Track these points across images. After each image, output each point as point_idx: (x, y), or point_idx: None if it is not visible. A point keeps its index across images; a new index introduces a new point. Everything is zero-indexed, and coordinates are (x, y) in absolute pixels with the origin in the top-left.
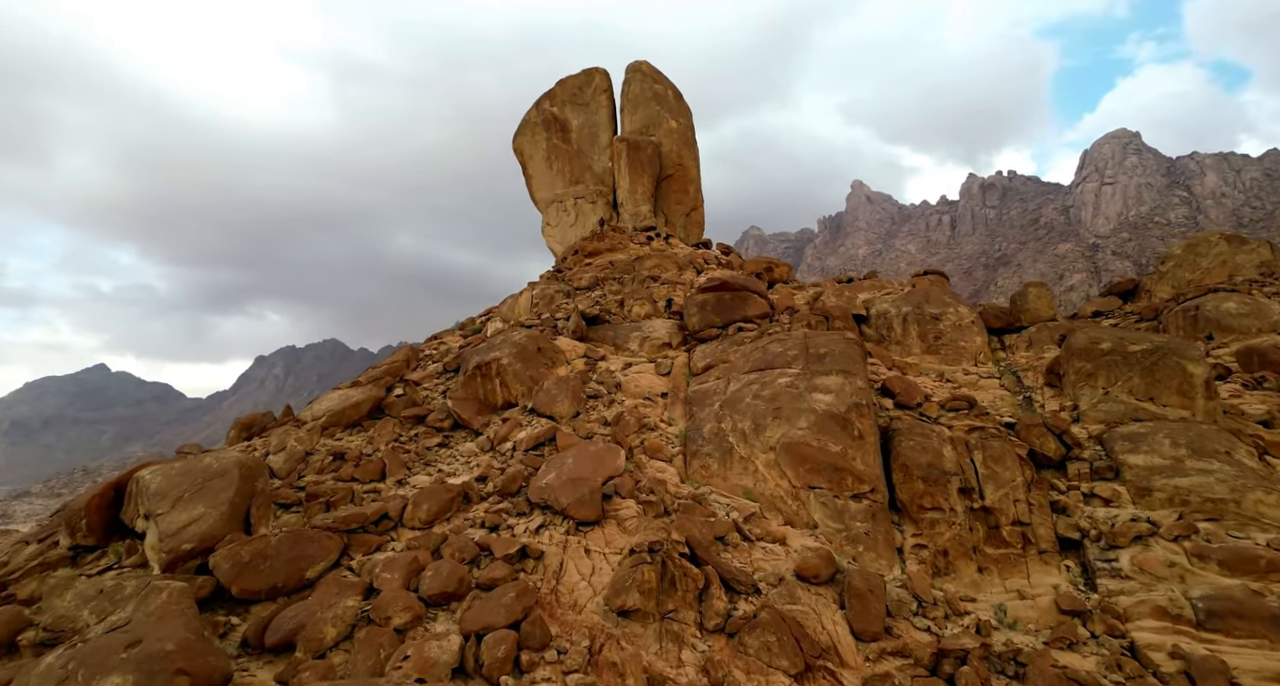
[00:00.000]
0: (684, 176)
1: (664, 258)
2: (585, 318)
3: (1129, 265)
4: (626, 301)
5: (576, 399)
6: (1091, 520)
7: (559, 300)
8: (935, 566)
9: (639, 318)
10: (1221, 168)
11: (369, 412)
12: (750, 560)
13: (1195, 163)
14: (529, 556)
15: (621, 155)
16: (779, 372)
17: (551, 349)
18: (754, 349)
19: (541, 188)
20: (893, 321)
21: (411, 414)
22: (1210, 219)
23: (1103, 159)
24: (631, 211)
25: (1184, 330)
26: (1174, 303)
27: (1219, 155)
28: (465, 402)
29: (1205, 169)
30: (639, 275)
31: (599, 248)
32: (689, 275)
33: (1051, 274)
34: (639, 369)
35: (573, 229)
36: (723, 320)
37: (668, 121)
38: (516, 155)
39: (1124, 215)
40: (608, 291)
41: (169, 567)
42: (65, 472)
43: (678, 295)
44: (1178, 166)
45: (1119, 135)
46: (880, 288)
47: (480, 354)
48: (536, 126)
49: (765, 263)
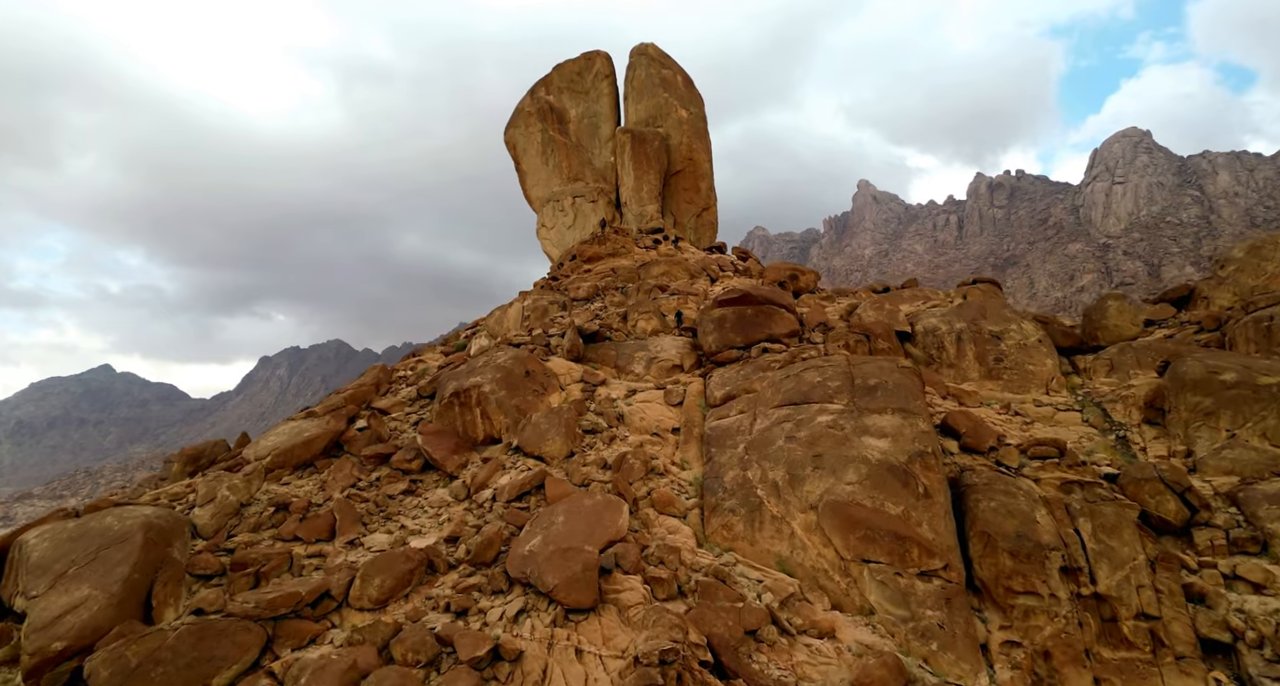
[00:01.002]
0: (695, 172)
1: (673, 264)
2: (583, 334)
3: (1141, 266)
4: (631, 315)
5: (571, 435)
6: (1244, 616)
7: (553, 313)
8: (1035, 674)
9: (645, 334)
10: (1234, 167)
11: (324, 450)
12: (792, 664)
13: (1207, 161)
14: (503, 658)
15: (625, 148)
16: (818, 409)
17: (542, 372)
18: (785, 377)
19: (536, 185)
20: (944, 340)
21: (375, 452)
22: (1224, 219)
23: (1113, 158)
24: (636, 212)
25: (1256, 344)
26: (1241, 312)
27: (1231, 154)
28: (439, 438)
29: (1217, 168)
30: (645, 284)
31: (600, 252)
32: (702, 284)
33: (1062, 274)
34: (645, 396)
35: (571, 231)
36: (744, 339)
37: (676, 110)
38: (509, 149)
39: (1135, 215)
40: (609, 303)
41: (33, 674)
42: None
43: (689, 308)
44: (1189, 165)
45: (1129, 134)
46: (923, 298)
47: (459, 379)
48: (531, 117)
49: (789, 269)
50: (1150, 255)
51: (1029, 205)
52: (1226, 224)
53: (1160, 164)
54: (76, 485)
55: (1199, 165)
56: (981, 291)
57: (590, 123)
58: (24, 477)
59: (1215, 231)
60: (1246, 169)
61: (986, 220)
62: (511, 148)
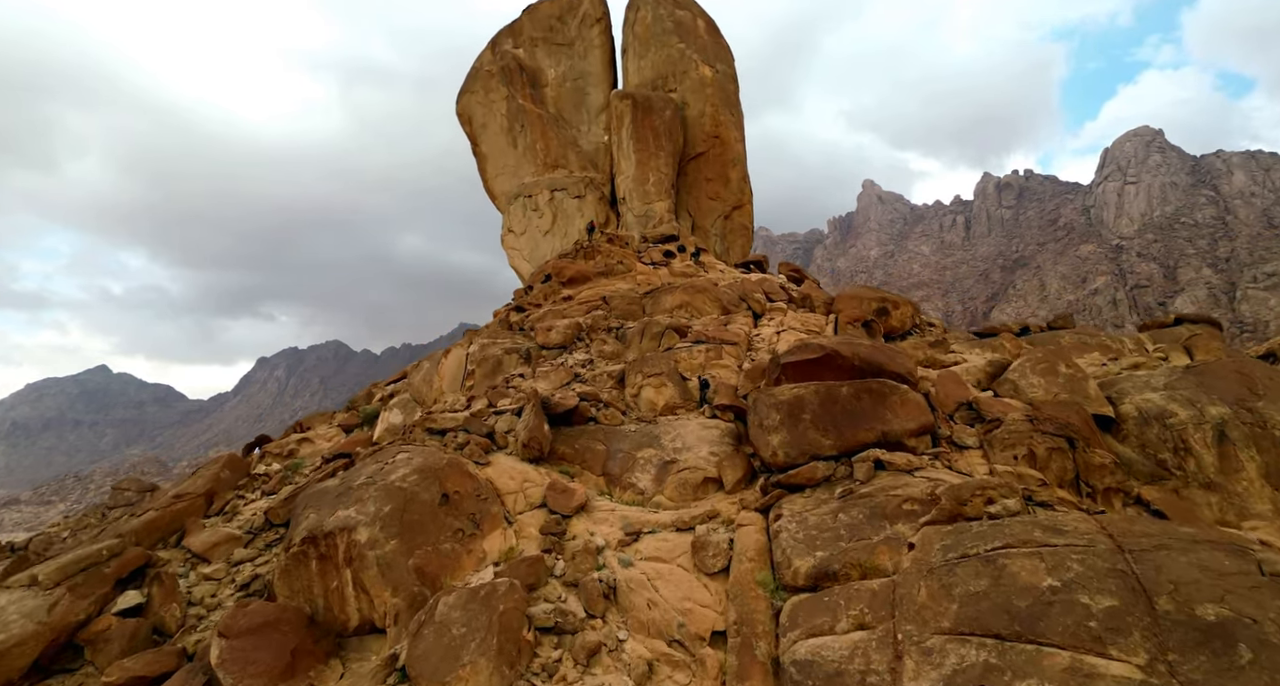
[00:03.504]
0: (723, 156)
1: (696, 291)
2: (552, 414)
3: (1156, 268)
4: (631, 377)
5: (509, 653)
6: None
7: (510, 367)
8: None
9: (654, 410)
10: (1249, 166)
11: (36, 665)
12: None
13: (1221, 161)
14: None
15: (624, 121)
16: (1069, 662)
17: (473, 493)
18: (958, 560)
19: (501, 174)
20: (1188, 436)
21: (131, 678)
22: (1240, 220)
23: (1125, 157)
24: (639, 211)
25: None
26: None
27: (1246, 153)
28: (257, 644)
29: (1232, 168)
30: (653, 324)
31: (586, 271)
32: (741, 324)
33: (1074, 276)
34: (657, 545)
35: (548, 238)
36: (839, 443)
37: (697, 67)
38: (463, 124)
39: (1149, 215)
40: (598, 354)
41: None
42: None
43: (725, 367)
44: (1202, 165)
45: (1141, 133)
46: (1101, 348)
47: (321, 508)
48: (491, 79)
49: (874, 298)
50: (1165, 257)
51: (1038, 205)
52: (1243, 225)
53: (1173, 163)
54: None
55: (1213, 165)
56: (1207, 342)
57: (575, 86)
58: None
59: (1232, 233)
60: (1262, 168)
61: (994, 221)
62: (466, 122)
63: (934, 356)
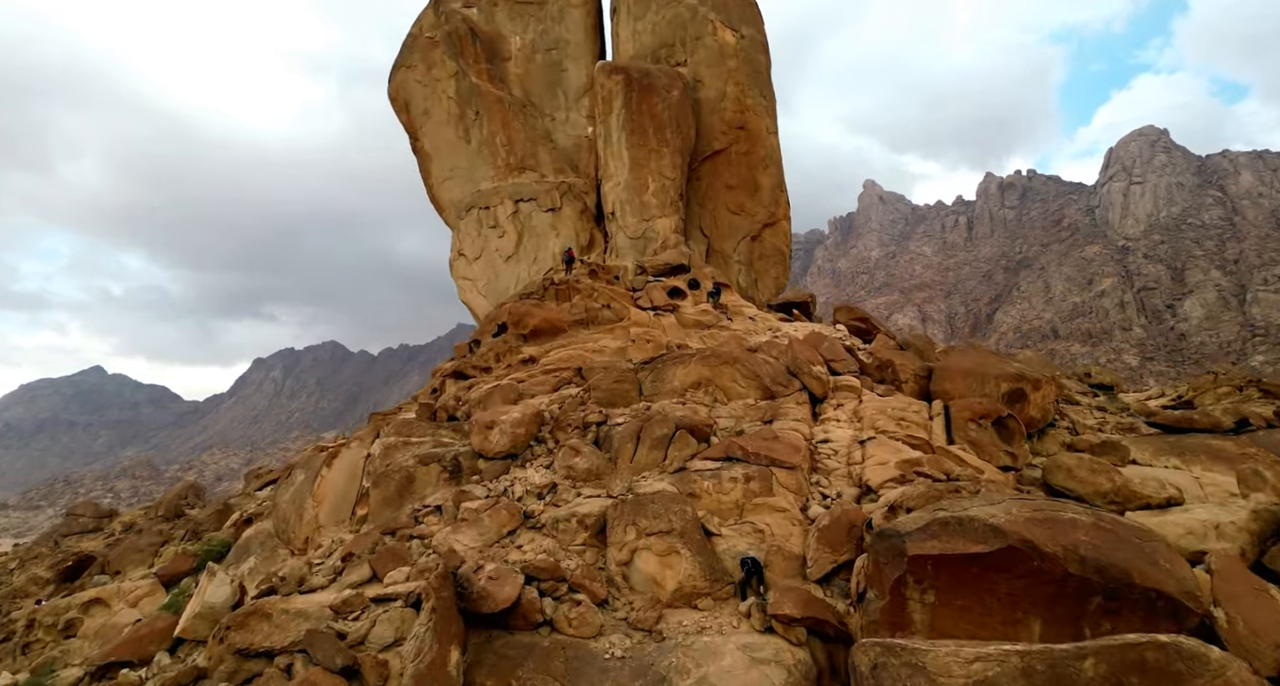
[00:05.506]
0: (750, 153)
1: (721, 363)
2: (474, 611)
3: (1163, 269)
4: (618, 530)
5: None
6: None
7: (425, 486)
8: None
9: (657, 599)
10: (1257, 166)
11: None
12: None
13: (1228, 161)
14: None
15: (614, 104)
16: None
17: None
18: None
19: (448, 177)
20: None
21: None
22: (1248, 220)
23: (1130, 157)
24: (635, 231)
25: None
26: None
27: (1254, 153)
28: None
29: (1239, 168)
30: (654, 419)
31: (558, 319)
32: (795, 419)
33: (1080, 277)
34: None
35: (510, 264)
36: None
37: (715, 31)
38: (397, 111)
39: (1155, 216)
40: (565, 470)
41: None
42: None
43: (777, 513)
44: (1209, 165)
45: (1146, 133)
46: None
47: None
48: (435, 49)
49: (1002, 376)
50: (1172, 258)
51: (1041, 206)
52: (1252, 226)
53: (1179, 163)
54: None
55: (1219, 165)
56: None
57: (548, 59)
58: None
59: (1240, 233)
60: (1270, 169)
61: (997, 221)
62: (402, 109)
63: (1118, 483)
